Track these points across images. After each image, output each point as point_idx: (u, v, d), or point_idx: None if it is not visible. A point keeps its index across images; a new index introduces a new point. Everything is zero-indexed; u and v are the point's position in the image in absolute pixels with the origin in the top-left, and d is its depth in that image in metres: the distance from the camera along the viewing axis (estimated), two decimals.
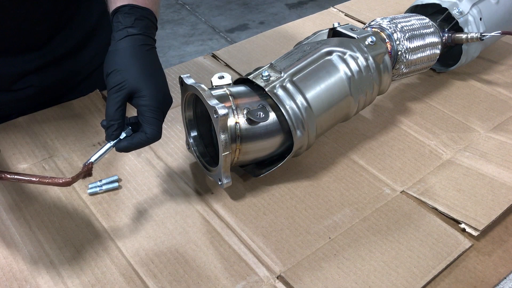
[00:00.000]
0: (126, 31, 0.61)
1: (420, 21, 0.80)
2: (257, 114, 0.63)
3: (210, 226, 0.64)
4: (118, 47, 0.60)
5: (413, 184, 0.70)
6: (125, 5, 0.62)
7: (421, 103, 0.86)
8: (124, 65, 0.59)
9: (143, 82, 0.59)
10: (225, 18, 3.21)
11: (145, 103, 0.59)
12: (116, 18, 0.62)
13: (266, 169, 0.68)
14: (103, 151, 0.59)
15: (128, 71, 0.59)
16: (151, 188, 0.69)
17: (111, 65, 0.59)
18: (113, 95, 0.58)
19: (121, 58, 0.60)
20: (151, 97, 0.59)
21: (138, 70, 0.59)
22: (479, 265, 0.61)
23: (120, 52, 0.60)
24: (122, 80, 0.58)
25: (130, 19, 0.62)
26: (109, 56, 0.61)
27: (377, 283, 0.58)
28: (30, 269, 0.59)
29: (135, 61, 0.60)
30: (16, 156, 0.74)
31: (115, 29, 0.62)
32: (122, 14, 0.62)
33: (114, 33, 0.61)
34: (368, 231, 0.64)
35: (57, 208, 0.66)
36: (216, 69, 0.94)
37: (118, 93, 0.58)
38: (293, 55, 0.69)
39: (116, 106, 0.58)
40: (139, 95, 0.59)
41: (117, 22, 0.62)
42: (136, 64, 0.60)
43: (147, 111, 0.59)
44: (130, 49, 0.60)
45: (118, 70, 0.59)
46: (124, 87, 0.58)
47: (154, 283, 0.58)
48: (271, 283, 0.58)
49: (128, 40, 0.60)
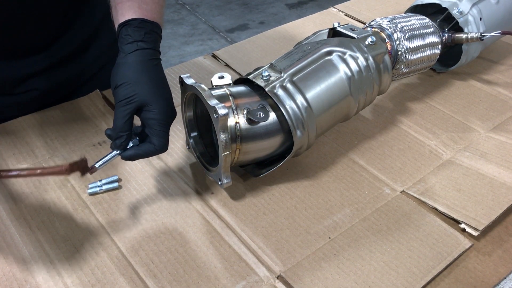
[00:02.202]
0: (136, 45, 0.62)
1: (420, 21, 0.80)
2: (257, 114, 0.63)
3: (210, 226, 0.64)
4: (129, 60, 0.61)
5: (413, 184, 0.70)
6: (135, 18, 0.64)
7: (421, 103, 0.86)
8: (135, 78, 0.61)
9: (153, 96, 0.61)
10: (225, 18, 3.21)
11: (154, 116, 0.61)
12: (125, 30, 0.63)
13: (266, 169, 0.68)
14: (109, 158, 0.61)
15: (139, 85, 0.60)
16: (151, 188, 0.69)
17: (121, 77, 0.61)
18: (123, 108, 0.60)
19: (131, 71, 0.61)
20: (160, 111, 0.61)
21: (148, 84, 0.61)
22: (479, 265, 0.61)
23: (130, 66, 0.61)
24: (132, 93, 0.60)
25: (140, 33, 0.63)
26: (119, 69, 0.62)
27: (377, 283, 0.58)
28: (30, 269, 0.59)
29: (145, 75, 0.61)
30: (16, 156, 0.74)
31: (123, 41, 0.63)
32: (132, 27, 0.63)
33: (123, 46, 0.62)
34: (368, 231, 0.64)
35: (57, 208, 0.66)
36: (216, 69, 0.94)
37: (127, 106, 0.60)
38: (293, 55, 0.69)
39: (125, 118, 0.60)
40: (148, 109, 0.61)
41: (126, 35, 0.63)
42: (146, 78, 0.61)
43: (156, 125, 0.61)
44: (141, 63, 0.62)
45: (129, 83, 0.60)
46: (134, 101, 0.60)
47: (154, 283, 0.58)
48: (271, 283, 0.58)
49: (138, 54, 0.62)
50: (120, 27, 0.64)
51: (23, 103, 0.84)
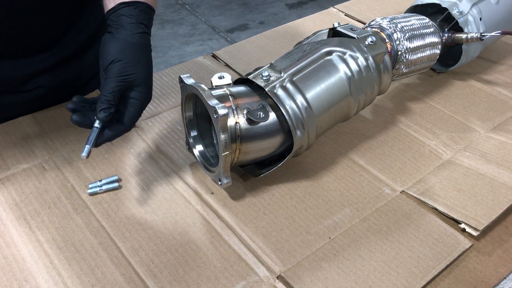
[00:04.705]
0: (141, 27, 0.64)
1: (420, 21, 0.80)
2: (257, 114, 0.63)
3: (210, 226, 0.64)
4: (133, 40, 0.63)
5: (413, 184, 0.70)
6: (142, 2, 0.65)
7: (421, 103, 0.86)
8: (136, 59, 0.63)
9: (146, 80, 0.64)
10: (225, 18, 3.21)
11: (139, 97, 0.63)
12: (129, 10, 0.64)
13: (266, 169, 0.68)
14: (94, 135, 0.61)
15: (138, 67, 0.63)
16: (151, 188, 0.69)
17: (122, 54, 0.62)
18: (117, 83, 0.61)
19: (134, 52, 0.63)
20: (146, 94, 0.64)
21: (146, 67, 0.64)
22: (479, 265, 0.61)
23: (135, 46, 0.63)
24: (131, 72, 0.62)
25: (145, 17, 0.65)
26: (120, 44, 0.63)
27: (377, 283, 0.58)
28: (30, 269, 0.59)
29: (144, 58, 0.64)
30: (16, 156, 0.74)
31: (126, 20, 0.64)
32: (138, 10, 0.64)
33: (125, 23, 0.64)
34: (368, 231, 0.64)
35: (57, 208, 0.66)
36: (216, 69, 0.94)
37: (122, 83, 0.62)
38: (293, 55, 0.69)
39: (117, 93, 0.61)
40: (137, 90, 0.63)
41: (130, 15, 0.64)
42: (145, 62, 0.64)
43: (137, 105, 0.63)
44: (144, 47, 0.64)
45: (129, 62, 0.62)
46: (130, 79, 0.62)
47: (154, 283, 0.58)
48: (271, 283, 0.58)
49: (142, 37, 0.64)
50: (124, 5, 0.64)
51: (29, 101, 0.84)
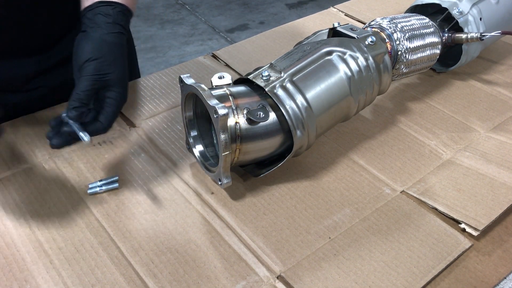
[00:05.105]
0: (117, 27, 0.64)
1: (420, 21, 0.80)
2: (257, 114, 0.63)
3: (210, 226, 0.64)
4: (108, 39, 0.63)
5: (413, 184, 0.70)
6: (119, 3, 0.65)
7: (421, 103, 0.86)
8: (113, 58, 0.63)
9: (121, 80, 0.64)
10: (225, 18, 3.21)
11: (115, 97, 0.63)
12: (106, 9, 0.64)
13: (266, 169, 0.68)
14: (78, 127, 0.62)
15: (115, 66, 0.63)
16: (151, 188, 0.69)
17: (98, 53, 0.62)
18: (91, 82, 0.61)
19: (110, 50, 0.63)
20: (122, 95, 0.64)
21: (122, 67, 0.64)
22: (479, 265, 0.61)
23: (111, 45, 0.63)
24: (107, 71, 0.62)
25: (123, 19, 0.65)
26: (95, 43, 0.62)
27: (377, 283, 0.58)
28: (30, 269, 0.59)
29: (121, 58, 0.64)
30: (17, 156, 0.74)
31: (102, 19, 0.63)
32: (116, 10, 0.64)
33: (101, 23, 0.63)
34: (368, 231, 0.64)
35: (57, 208, 0.66)
36: (216, 69, 0.94)
37: (97, 82, 0.61)
38: (293, 55, 0.69)
39: (92, 92, 0.61)
40: (112, 90, 0.63)
41: (107, 14, 0.64)
42: (121, 62, 0.64)
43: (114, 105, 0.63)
44: (120, 46, 0.64)
45: (105, 61, 0.62)
46: (105, 79, 0.62)
47: (154, 283, 0.58)
48: (271, 283, 0.58)
49: (119, 37, 0.64)
50: (101, 4, 0.64)
51: (30, 101, 0.84)
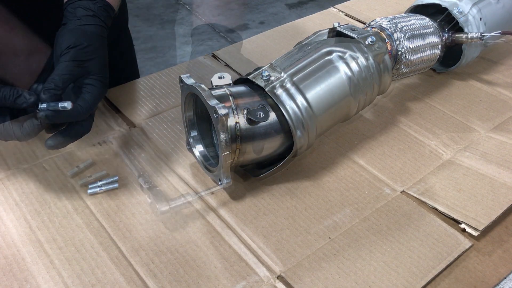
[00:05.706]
0: (98, 20, 0.65)
1: (420, 21, 0.80)
2: (257, 114, 0.63)
3: (210, 226, 0.64)
4: (91, 30, 0.64)
5: (413, 184, 0.70)
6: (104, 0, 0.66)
7: (421, 103, 0.86)
8: (94, 48, 0.63)
9: (102, 70, 0.64)
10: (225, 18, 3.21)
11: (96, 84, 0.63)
12: (87, 4, 0.65)
13: (266, 169, 0.68)
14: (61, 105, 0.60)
15: (95, 54, 0.63)
16: (151, 188, 0.69)
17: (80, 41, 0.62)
18: (71, 68, 0.61)
19: (91, 40, 0.64)
20: (102, 83, 0.64)
21: (103, 57, 0.65)
22: (479, 265, 0.61)
23: (93, 35, 0.64)
24: (88, 58, 0.62)
25: (103, 14, 0.66)
26: (78, 34, 0.63)
27: (377, 283, 0.58)
28: (30, 269, 0.59)
29: (102, 48, 0.65)
30: (16, 156, 0.74)
31: (83, 12, 0.65)
32: (97, 6, 0.66)
33: (81, 16, 0.65)
34: (368, 231, 0.64)
35: (57, 208, 0.66)
36: (216, 69, 0.94)
37: (76, 68, 0.62)
38: (293, 55, 0.69)
39: (68, 77, 0.61)
40: (93, 77, 0.63)
41: (88, 9, 0.65)
42: (102, 52, 0.65)
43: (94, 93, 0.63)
44: (101, 37, 0.65)
45: (87, 49, 0.63)
46: (85, 65, 0.62)
47: (154, 283, 0.58)
48: (271, 283, 0.58)
49: (100, 29, 0.65)
50: None
51: None
